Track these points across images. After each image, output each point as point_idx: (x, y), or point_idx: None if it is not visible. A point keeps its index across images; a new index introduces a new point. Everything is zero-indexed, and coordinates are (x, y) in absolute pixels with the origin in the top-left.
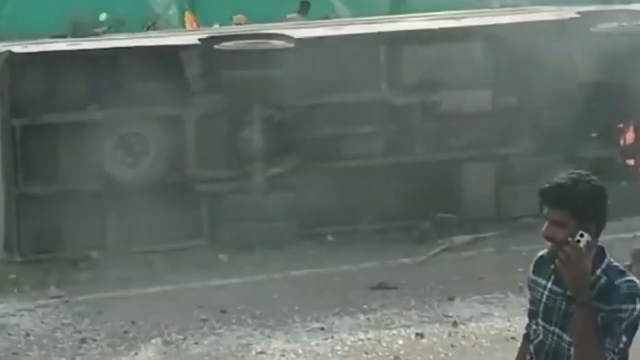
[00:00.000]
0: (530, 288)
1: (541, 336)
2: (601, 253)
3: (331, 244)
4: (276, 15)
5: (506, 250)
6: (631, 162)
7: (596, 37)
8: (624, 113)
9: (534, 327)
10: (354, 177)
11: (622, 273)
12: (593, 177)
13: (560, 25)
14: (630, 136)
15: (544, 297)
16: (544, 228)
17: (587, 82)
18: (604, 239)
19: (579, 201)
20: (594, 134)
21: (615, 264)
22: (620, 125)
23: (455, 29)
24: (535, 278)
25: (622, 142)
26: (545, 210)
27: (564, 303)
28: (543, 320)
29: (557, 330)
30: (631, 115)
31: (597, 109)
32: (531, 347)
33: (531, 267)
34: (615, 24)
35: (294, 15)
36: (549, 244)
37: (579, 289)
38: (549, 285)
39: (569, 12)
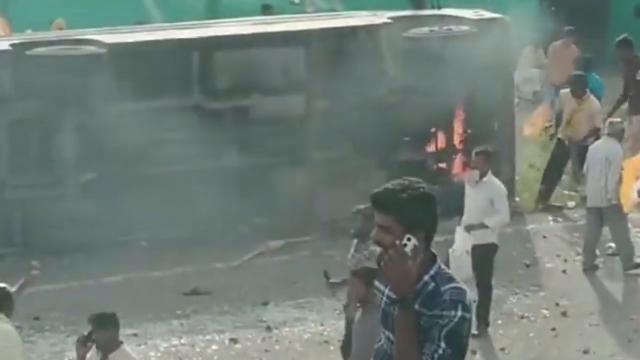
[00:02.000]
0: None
1: (382, 341)
2: (432, 259)
3: (144, 249)
4: (95, 20)
5: (320, 254)
6: (443, 165)
7: (408, 42)
8: (436, 117)
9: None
10: (167, 182)
11: (451, 280)
12: (423, 185)
13: (372, 30)
14: (441, 140)
15: (382, 302)
16: (373, 232)
17: (399, 86)
18: None
19: (406, 207)
20: (406, 138)
21: (446, 270)
22: (432, 130)
23: (268, 34)
24: (378, 285)
25: (434, 146)
26: (375, 215)
27: (395, 308)
28: (382, 324)
29: (390, 335)
30: (443, 119)
31: (409, 113)
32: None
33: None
34: (426, 29)
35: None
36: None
37: (399, 291)
38: (387, 291)
39: (381, 18)
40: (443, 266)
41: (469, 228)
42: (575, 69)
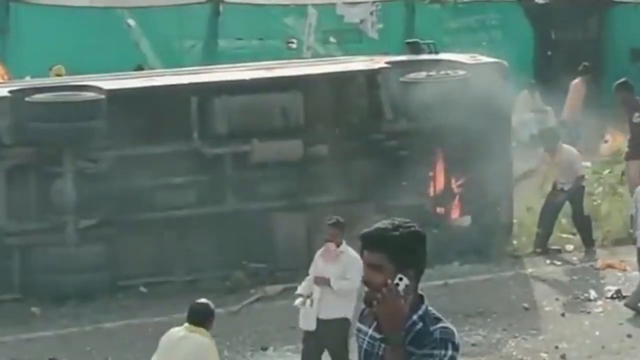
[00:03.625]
0: (356, 336)
1: None
2: (419, 300)
3: (144, 295)
4: (94, 66)
5: None
6: (441, 210)
7: (405, 86)
8: (434, 161)
9: None
10: (166, 228)
11: (438, 320)
12: (413, 224)
13: (370, 75)
14: (440, 184)
15: (365, 343)
16: (363, 272)
17: (396, 130)
18: None
19: (397, 245)
20: (404, 183)
21: (433, 311)
22: (431, 174)
23: (267, 80)
24: (360, 326)
25: (432, 190)
26: (365, 254)
27: (381, 348)
28: None
29: None
30: (441, 163)
31: (407, 158)
32: None
33: (358, 316)
34: (424, 74)
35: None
36: (366, 289)
37: (392, 330)
38: (370, 331)
39: (379, 62)
40: (429, 307)
41: (317, 281)
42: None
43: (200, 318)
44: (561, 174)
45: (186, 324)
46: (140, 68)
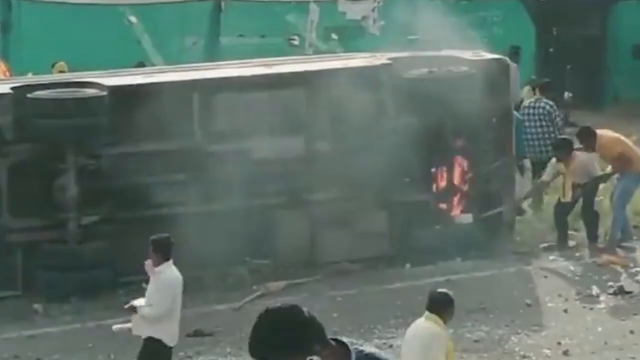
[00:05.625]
0: None
1: None
2: (344, 353)
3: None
4: (97, 62)
5: (321, 295)
6: (444, 206)
7: (408, 82)
8: (436, 158)
9: None
10: (167, 224)
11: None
12: (289, 311)
13: (372, 71)
14: (442, 181)
15: None
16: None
17: (399, 127)
18: (417, 283)
19: (284, 346)
20: (407, 179)
21: (368, 351)
22: (433, 170)
23: (268, 76)
24: None
25: (434, 186)
26: None
27: None
28: None
29: None
30: (443, 159)
31: (410, 154)
32: None
33: None
34: (426, 70)
35: None
36: None
37: None
38: None
39: (381, 59)
40: (361, 349)
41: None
42: None
43: (437, 306)
44: (579, 180)
45: (426, 313)
46: (141, 65)
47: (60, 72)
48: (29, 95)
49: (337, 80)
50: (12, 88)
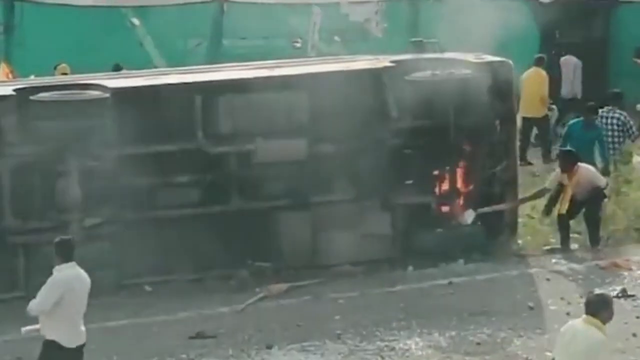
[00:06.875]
0: None
1: None
2: None
3: (149, 293)
4: (98, 64)
5: (323, 297)
6: (446, 209)
7: (410, 85)
8: (439, 160)
9: None
10: (170, 226)
11: None
12: None
13: (375, 73)
14: (444, 183)
15: None
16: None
17: (402, 129)
18: (419, 286)
19: None
20: (409, 181)
21: None
22: (436, 172)
23: (271, 78)
24: None
25: (437, 189)
26: None
27: None
28: None
29: None
30: (446, 162)
31: (412, 156)
32: None
33: None
34: (429, 72)
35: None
36: None
37: None
38: None
39: (384, 61)
40: None
41: None
42: None
43: (595, 309)
44: (580, 192)
45: (584, 316)
46: (118, 68)
47: (63, 74)
48: (31, 97)
49: (340, 83)
50: (15, 90)
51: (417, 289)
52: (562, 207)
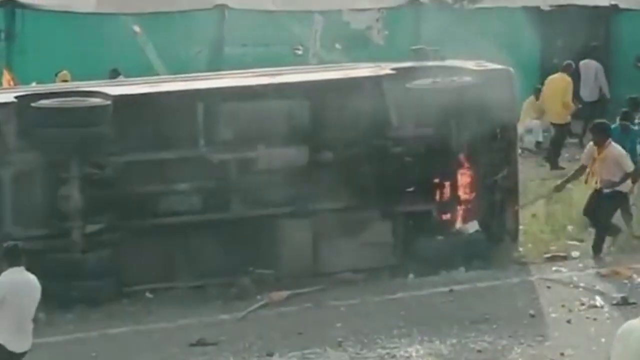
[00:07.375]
0: None
1: None
2: None
3: (150, 301)
4: (100, 71)
5: (324, 305)
6: (447, 216)
7: (411, 93)
8: (439, 168)
9: None
10: (171, 234)
11: None
12: None
13: (376, 81)
14: (445, 191)
15: None
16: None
17: (403, 137)
18: (420, 293)
19: None
20: (410, 189)
21: None
22: (436, 180)
23: (272, 86)
24: None
25: (438, 197)
26: None
27: None
28: None
29: None
30: (446, 170)
31: (413, 164)
32: None
33: None
34: (430, 80)
35: None
36: None
37: None
38: None
39: (385, 69)
40: None
41: None
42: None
43: None
44: (605, 170)
45: None
46: (115, 72)
47: (64, 81)
48: (33, 104)
49: (341, 90)
50: (16, 97)
51: (417, 297)
52: (589, 181)
